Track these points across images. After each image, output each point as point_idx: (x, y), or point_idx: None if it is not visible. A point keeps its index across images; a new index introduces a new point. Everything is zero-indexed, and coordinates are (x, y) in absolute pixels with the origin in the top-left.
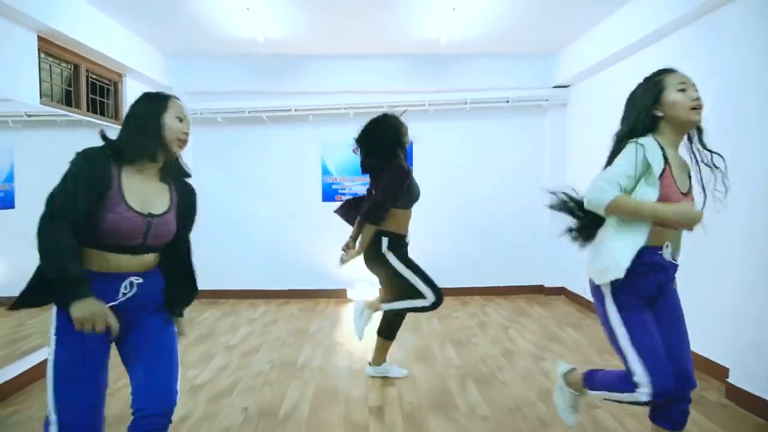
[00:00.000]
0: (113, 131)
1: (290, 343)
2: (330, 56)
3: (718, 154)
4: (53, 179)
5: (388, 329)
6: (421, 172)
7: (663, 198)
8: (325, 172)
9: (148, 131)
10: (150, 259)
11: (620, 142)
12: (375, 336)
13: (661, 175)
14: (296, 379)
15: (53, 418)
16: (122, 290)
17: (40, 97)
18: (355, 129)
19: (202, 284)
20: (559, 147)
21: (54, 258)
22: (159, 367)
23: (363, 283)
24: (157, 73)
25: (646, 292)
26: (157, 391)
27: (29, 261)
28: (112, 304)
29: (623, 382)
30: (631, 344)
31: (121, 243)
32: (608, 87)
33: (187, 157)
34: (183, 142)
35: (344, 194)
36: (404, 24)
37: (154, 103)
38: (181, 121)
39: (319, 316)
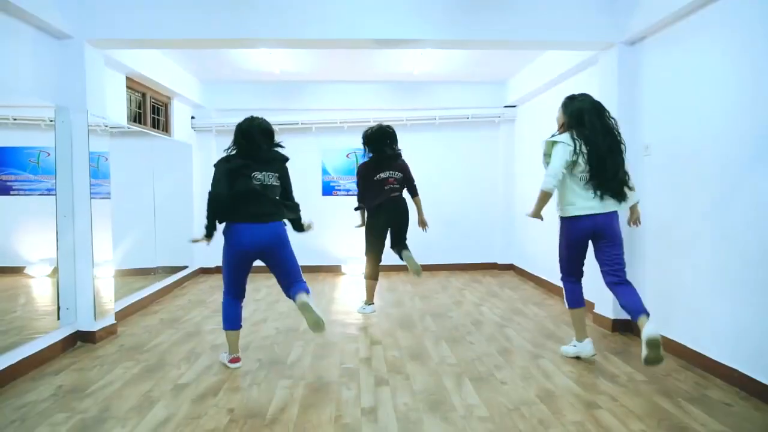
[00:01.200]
0: (163, 141)
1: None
2: (329, 82)
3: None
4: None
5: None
6: None
7: None
8: (324, 172)
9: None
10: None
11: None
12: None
13: None
14: (298, 340)
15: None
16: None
17: (127, 119)
18: (348, 138)
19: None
20: (509, 153)
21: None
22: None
23: (354, 260)
24: (194, 95)
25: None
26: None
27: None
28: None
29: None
30: None
31: None
32: (544, 106)
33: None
34: None
35: (339, 190)
36: (385, 62)
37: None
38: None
39: (320, 283)
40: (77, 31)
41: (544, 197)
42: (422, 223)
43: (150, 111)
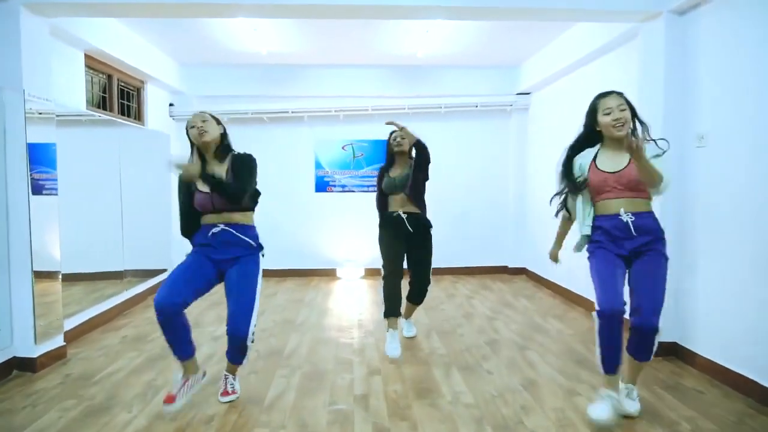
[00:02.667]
0: (135, 130)
1: (289, 308)
2: (322, 66)
3: (655, 141)
4: (95, 169)
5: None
6: None
7: (590, 181)
8: (318, 166)
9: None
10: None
11: (573, 148)
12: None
13: (589, 169)
14: (295, 333)
15: None
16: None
17: (87, 103)
18: (344, 129)
19: None
20: (522, 145)
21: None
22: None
23: (351, 264)
24: (172, 80)
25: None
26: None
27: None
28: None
29: None
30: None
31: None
32: (563, 94)
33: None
34: (200, 134)
35: (334, 186)
36: (386, 41)
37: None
38: (193, 127)
39: (312, 290)
40: None
41: None
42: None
43: (118, 96)
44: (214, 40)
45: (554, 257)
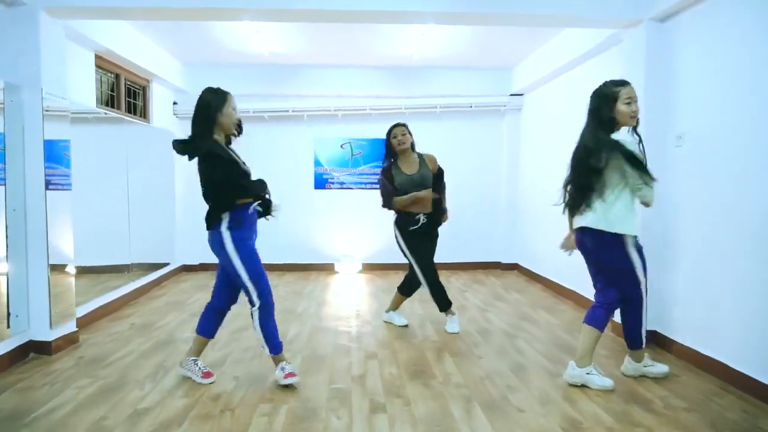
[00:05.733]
0: (141, 128)
1: (289, 299)
2: (322, 66)
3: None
4: (103, 165)
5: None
6: None
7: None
8: (317, 163)
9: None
10: None
11: (598, 133)
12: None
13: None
14: (296, 321)
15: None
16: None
17: (96, 101)
18: (342, 127)
19: (212, 258)
20: (515, 145)
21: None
22: None
23: (349, 259)
24: (176, 79)
25: None
26: None
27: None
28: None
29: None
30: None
31: None
32: (554, 95)
33: None
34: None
35: (333, 183)
36: (383, 43)
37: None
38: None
39: (312, 283)
40: None
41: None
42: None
43: (125, 94)
44: (217, 41)
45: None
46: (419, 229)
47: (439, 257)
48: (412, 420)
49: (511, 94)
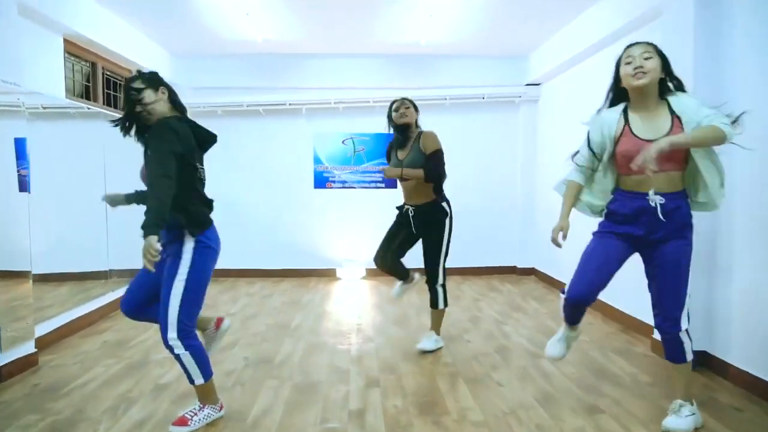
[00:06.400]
0: None
1: (284, 311)
2: (321, 55)
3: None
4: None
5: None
6: None
7: (620, 151)
8: (317, 161)
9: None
10: None
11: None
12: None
13: (621, 135)
14: (289, 337)
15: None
16: None
17: (66, 93)
18: (344, 122)
19: None
20: (531, 139)
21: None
22: None
23: (351, 264)
24: (163, 71)
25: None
26: None
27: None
28: None
29: None
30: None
31: None
32: (575, 84)
33: None
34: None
35: (334, 182)
36: (387, 27)
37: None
38: None
39: (310, 291)
40: None
41: None
42: None
43: (103, 85)
44: (206, 27)
45: (558, 234)
46: (404, 218)
47: (450, 262)
48: None
49: (527, 84)
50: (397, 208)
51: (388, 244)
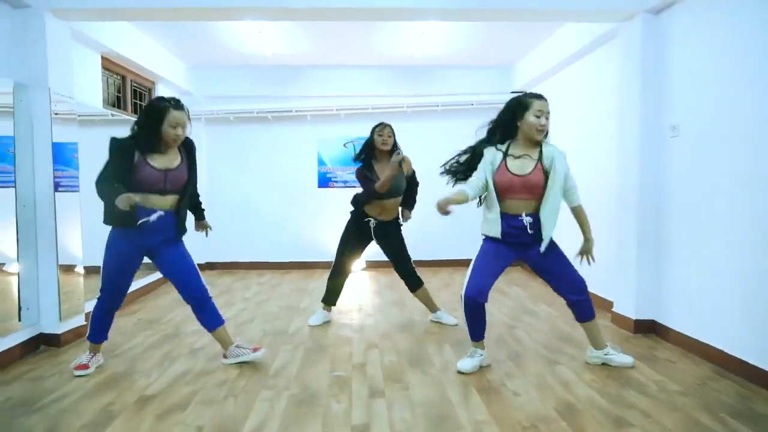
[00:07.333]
0: None
1: (293, 296)
2: (324, 66)
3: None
4: None
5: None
6: None
7: (497, 180)
8: (320, 163)
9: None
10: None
11: (484, 141)
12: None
13: (498, 167)
14: (299, 316)
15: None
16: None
17: (102, 102)
18: (345, 127)
19: (218, 257)
20: None
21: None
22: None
23: None
24: (181, 81)
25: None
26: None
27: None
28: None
29: None
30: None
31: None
32: (554, 91)
33: (203, 151)
34: (175, 141)
35: (336, 182)
36: (384, 42)
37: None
38: (173, 128)
39: (315, 281)
40: None
41: None
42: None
43: (131, 96)
44: (220, 42)
45: (445, 206)
46: (365, 228)
47: (441, 254)
48: (410, 404)
49: (513, 92)
50: (356, 221)
51: (351, 256)
